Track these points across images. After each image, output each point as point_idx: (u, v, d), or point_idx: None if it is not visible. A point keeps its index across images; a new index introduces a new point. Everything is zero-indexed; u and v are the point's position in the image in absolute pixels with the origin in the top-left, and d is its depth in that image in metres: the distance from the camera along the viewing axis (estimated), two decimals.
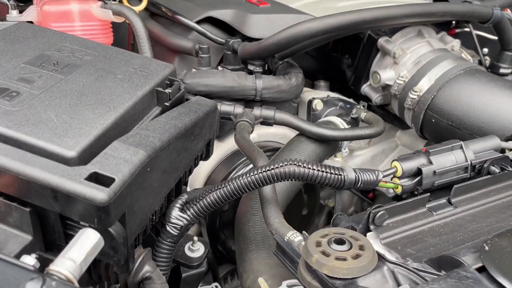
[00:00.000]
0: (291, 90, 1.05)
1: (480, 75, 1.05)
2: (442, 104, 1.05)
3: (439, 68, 1.08)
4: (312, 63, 1.44)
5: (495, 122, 0.99)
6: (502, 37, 1.26)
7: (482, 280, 0.44)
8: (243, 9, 1.16)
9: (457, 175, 0.70)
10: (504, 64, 1.31)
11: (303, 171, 0.63)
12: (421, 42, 1.17)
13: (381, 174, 0.67)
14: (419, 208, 0.64)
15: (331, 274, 0.48)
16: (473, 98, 1.02)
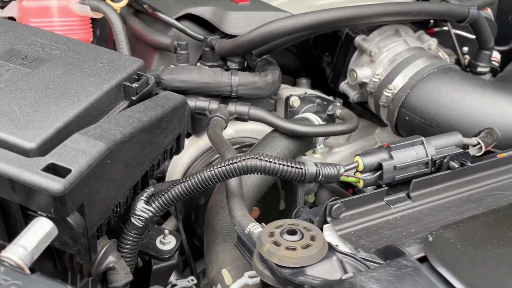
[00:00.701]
0: (267, 87, 1.06)
1: (453, 74, 1.07)
2: (415, 102, 1.07)
3: (413, 67, 1.10)
4: (294, 60, 1.45)
5: (465, 120, 1.01)
6: (479, 36, 1.28)
7: (421, 269, 0.46)
8: (223, 6, 1.17)
9: (418, 170, 0.72)
10: (481, 63, 1.33)
11: (264, 165, 0.65)
12: (398, 41, 1.18)
13: (342, 169, 0.69)
14: (377, 201, 0.66)
15: (280, 263, 0.50)
16: (445, 96, 1.04)
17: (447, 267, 0.46)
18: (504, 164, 0.75)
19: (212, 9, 1.17)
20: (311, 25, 0.96)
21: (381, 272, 0.45)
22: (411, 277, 0.44)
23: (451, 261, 0.47)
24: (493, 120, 1.00)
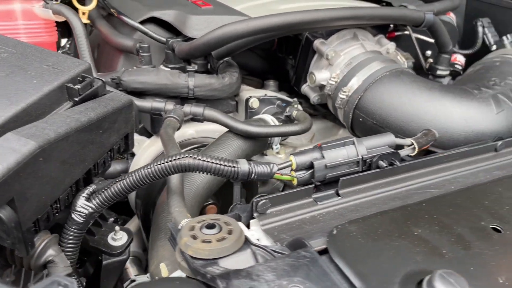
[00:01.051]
0: (224, 89, 1.10)
1: (404, 77, 1.10)
2: (368, 104, 1.11)
3: (367, 70, 1.14)
4: (261, 62, 1.49)
5: (413, 121, 1.05)
6: (438, 40, 1.32)
7: (318, 260, 0.49)
8: (185, 10, 1.21)
9: (349, 169, 0.75)
10: (441, 66, 1.37)
11: (198, 163, 0.68)
12: (355, 45, 1.22)
13: (276, 167, 0.72)
14: (304, 198, 0.69)
15: (194, 255, 0.53)
16: (395, 98, 1.07)
17: (343, 258, 0.49)
18: (435, 164, 0.79)
19: (175, 12, 1.21)
20: (262, 29, 0.99)
21: (279, 262, 0.48)
22: (306, 267, 0.48)
23: (349, 253, 0.50)
24: (439, 121, 1.04)
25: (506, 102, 1.09)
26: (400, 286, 0.46)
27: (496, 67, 1.26)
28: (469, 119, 1.04)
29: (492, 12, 1.65)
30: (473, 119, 1.04)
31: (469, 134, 1.04)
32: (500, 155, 0.86)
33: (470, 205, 0.61)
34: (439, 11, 1.40)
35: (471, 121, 1.04)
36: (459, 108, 1.04)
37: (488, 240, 0.55)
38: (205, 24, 1.16)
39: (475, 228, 0.56)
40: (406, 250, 0.52)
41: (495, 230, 0.57)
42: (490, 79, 1.18)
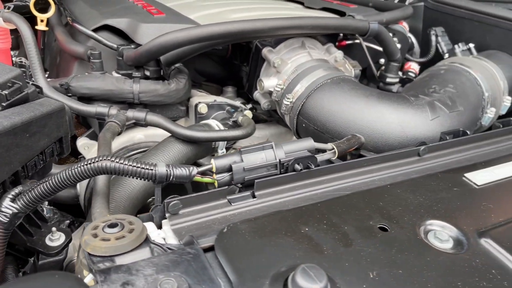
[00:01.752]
0: (170, 94, 1.13)
1: (344, 84, 1.14)
2: (310, 110, 1.15)
3: (310, 77, 1.18)
4: (219, 69, 1.53)
5: (351, 127, 1.09)
6: (385, 49, 1.37)
7: (201, 256, 0.52)
8: (138, 18, 1.24)
9: (268, 171, 0.78)
10: (390, 74, 1.42)
11: (115, 166, 0.71)
12: (302, 53, 1.26)
13: (195, 170, 0.75)
14: (219, 199, 0.72)
15: (92, 252, 0.56)
16: (334, 105, 1.11)
17: (225, 254, 0.52)
18: (356, 167, 0.82)
19: (128, 20, 1.24)
20: (203, 37, 1.03)
21: (162, 258, 0.52)
22: (187, 263, 0.51)
23: (232, 250, 0.54)
24: (375, 127, 1.08)
25: (442, 109, 1.13)
26: (271, 280, 0.49)
27: (440, 75, 1.30)
28: (404, 125, 1.08)
29: (447, 21, 1.70)
30: (408, 125, 1.08)
31: (403, 140, 1.08)
32: (422, 159, 0.90)
33: (363, 205, 0.64)
34: (388, 21, 1.44)
35: (406, 127, 1.08)
36: (395, 114, 1.08)
37: (371, 238, 0.58)
38: (155, 32, 1.19)
39: (362, 227, 0.60)
40: (288, 247, 0.55)
41: (382, 229, 0.60)
42: (430, 87, 1.22)
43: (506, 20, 1.51)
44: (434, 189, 0.70)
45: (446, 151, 0.93)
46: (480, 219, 0.64)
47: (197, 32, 1.02)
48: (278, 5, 1.61)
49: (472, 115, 1.22)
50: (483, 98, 1.30)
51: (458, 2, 1.64)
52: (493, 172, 0.76)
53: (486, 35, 1.59)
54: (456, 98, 1.19)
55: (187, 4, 1.54)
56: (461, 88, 1.24)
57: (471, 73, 1.32)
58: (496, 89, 1.35)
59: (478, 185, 0.73)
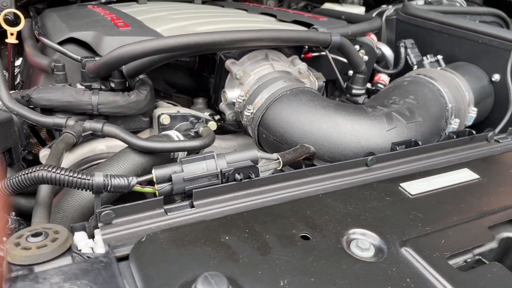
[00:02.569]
0: (130, 106, 1.14)
1: (303, 96, 1.16)
2: (269, 121, 1.16)
3: (270, 89, 1.19)
4: (189, 81, 1.54)
5: (307, 138, 1.10)
6: (350, 61, 1.38)
7: (112, 265, 0.53)
8: (103, 31, 1.26)
9: (209, 181, 0.79)
10: (355, 86, 1.43)
11: (52, 176, 0.72)
12: (265, 65, 1.28)
13: (135, 180, 0.76)
14: (155, 209, 0.73)
15: (12, 261, 0.57)
16: (292, 116, 1.12)
17: (138, 263, 0.53)
18: (302, 177, 0.83)
19: (93, 33, 1.26)
20: (158, 49, 1.05)
21: (73, 266, 0.52)
22: (98, 271, 0.52)
23: (146, 259, 0.54)
24: (331, 138, 1.08)
25: (399, 120, 1.14)
26: None
27: (402, 86, 1.32)
28: (360, 135, 1.09)
29: (418, 33, 1.72)
30: (364, 136, 1.09)
31: (359, 150, 1.09)
32: (371, 169, 0.91)
33: (290, 214, 0.65)
34: (354, 33, 1.46)
35: (362, 138, 1.09)
36: (350, 125, 1.09)
37: (291, 247, 0.59)
38: (117, 44, 1.20)
39: (284, 235, 0.60)
40: (205, 256, 0.56)
41: (304, 238, 0.61)
42: (391, 98, 1.23)
43: (473, 32, 1.53)
44: (366, 199, 0.71)
45: (395, 161, 0.94)
46: (406, 228, 0.64)
47: (152, 44, 1.04)
48: (249, 18, 1.64)
49: (434, 126, 1.23)
50: (447, 109, 1.31)
51: (427, 15, 1.67)
52: (430, 182, 0.77)
53: (455, 47, 1.61)
54: (416, 109, 1.20)
55: (159, 17, 1.56)
56: (422, 99, 1.25)
57: (434, 84, 1.34)
58: (460, 100, 1.36)
59: (412, 195, 0.74)
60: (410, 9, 1.73)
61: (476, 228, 0.64)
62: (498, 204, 0.71)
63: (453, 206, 0.70)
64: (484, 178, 0.80)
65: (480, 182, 0.78)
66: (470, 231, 0.63)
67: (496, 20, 2.10)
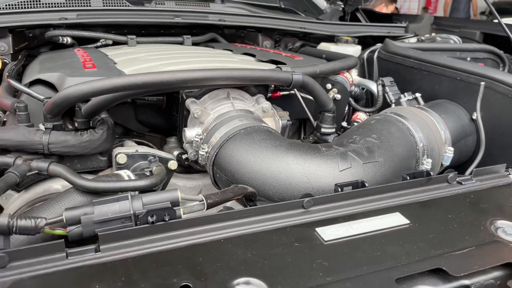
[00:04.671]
0: (82, 145, 1.14)
1: (256, 135, 1.13)
2: (221, 160, 1.13)
3: (225, 128, 1.17)
4: (161, 120, 1.55)
5: (257, 178, 1.06)
6: (316, 100, 1.35)
7: None
8: (67, 72, 1.29)
9: (122, 224, 0.76)
10: (325, 125, 1.40)
11: None
12: (226, 104, 1.27)
13: (43, 221, 0.74)
14: (56, 253, 0.70)
15: None
16: (242, 155, 1.09)
17: None
18: (229, 219, 0.78)
19: (58, 74, 1.29)
20: (105, 89, 1.05)
21: None
22: None
23: None
24: (280, 178, 1.04)
25: (355, 160, 1.09)
26: None
27: (368, 125, 1.27)
28: (310, 176, 1.04)
29: (398, 71, 1.69)
30: (314, 176, 1.05)
31: (310, 191, 1.04)
32: (308, 212, 0.86)
33: (179, 261, 0.61)
34: (323, 72, 1.44)
35: (312, 178, 1.04)
36: (301, 165, 1.05)
37: None
38: None
39: (161, 285, 0.56)
40: None
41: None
42: (352, 137, 1.19)
43: (451, 69, 1.49)
44: (272, 244, 0.66)
45: (336, 203, 0.89)
46: (303, 278, 0.59)
47: (98, 84, 1.05)
48: (226, 58, 1.64)
49: (399, 166, 1.17)
50: (417, 149, 1.25)
51: (406, 53, 1.63)
52: (350, 227, 0.71)
53: (435, 85, 1.56)
54: (376, 149, 1.15)
55: (136, 58, 1.59)
56: (387, 138, 1.20)
57: (404, 123, 1.28)
58: (433, 139, 1.30)
59: (326, 241, 0.68)
60: (390, 47, 1.71)
61: (382, 280, 0.58)
62: (418, 253, 0.65)
63: (366, 255, 0.64)
64: (415, 223, 0.74)
65: (408, 228, 0.72)
66: (373, 284, 0.58)
67: (491, 56, 2.04)
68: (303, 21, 2.60)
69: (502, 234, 0.73)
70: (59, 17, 2.04)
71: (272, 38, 2.64)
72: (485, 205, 0.81)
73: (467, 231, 0.72)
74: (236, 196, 0.88)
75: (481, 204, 0.82)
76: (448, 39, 2.26)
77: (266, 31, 2.59)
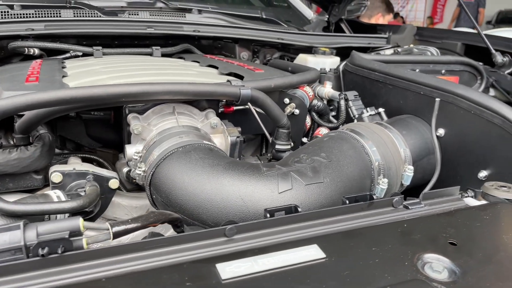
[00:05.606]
0: (10, 163, 1.08)
1: (194, 153, 1.06)
2: (157, 181, 1.06)
3: (164, 145, 1.10)
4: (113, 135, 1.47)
5: (191, 200, 0.99)
6: (269, 115, 1.29)
7: None
8: (6, 86, 1.23)
9: (13, 256, 0.69)
10: (279, 141, 1.33)
11: None
12: (170, 119, 1.20)
13: None
14: None
15: None
16: (178, 176, 1.03)
17: None
18: (144, 249, 0.71)
19: None
20: (29, 105, 0.99)
21: None
22: None
23: None
24: (214, 200, 0.98)
25: (297, 181, 1.02)
26: None
27: (320, 143, 1.20)
28: (247, 198, 0.98)
29: (365, 84, 1.62)
30: (251, 198, 0.98)
31: (245, 214, 0.97)
32: (231, 240, 0.79)
33: None
34: (278, 86, 1.37)
35: (249, 200, 0.97)
36: (237, 186, 0.98)
37: None
38: None
39: None
40: None
41: None
42: (299, 156, 1.12)
43: (415, 84, 1.42)
44: (158, 284, 0.59)
45: (264, 230, 0.82)
46: None
47: (21, 100, 0.98)
48: (183, 70, 1.58)
49: (348, 187, 1.10)
50: (372, 168, 1.18)
51: (371, 66, 1.57)
52: (256, 263, 0.64)
53: (400, 99, 1.49)
54: (323, 169, 1.08)
55: (90, 70, 1.53)
56: (337, 157, 1.13)
57: (359, 140, 1.22)
58: (391, 158, 1.23)
59: (223, 279, 0.61)
60: (356, 60, 1.64)
61: None
62: None
63: None
64: (331, 258, 0.66)
65: (322, 263, 0.65)
66: None
67: (467, 69, 1.98)
68: (281, 31, 2.55)
69: (428, 270, 0.65)
70: (25, 28, 2.00)
71: (249, 49, 2.59)
72: (417, 236, 0.74)
73: (388, 267, 0.65)
74: (151, 224, 0.81)
75: (413, 235, 0.74)
76: (425, 50, 2.19)
77: (243, 42, 2.54)
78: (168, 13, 2.44)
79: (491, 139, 1.22)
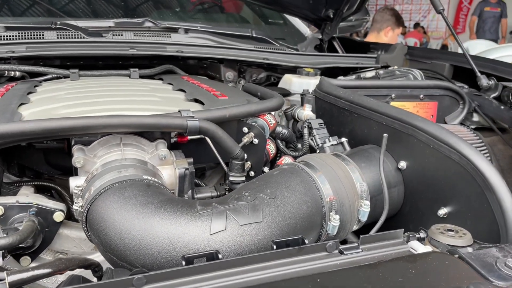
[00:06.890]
0: None
1: (129, 190, 1.03)
2: (91, 218, 1.03)
3: (101, 180, 1.08)
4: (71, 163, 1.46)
5: (118, 241, 0.96)
6: (221, 146, 1.26)
7: None
8: None
9: None
10: (233, 173, 1.29)
11: None
12: (116, 151, 1.18)
13: None
14: None
15: None
16: (109, 213, 1.00)
17: None
18: None
19: None
20: None
21: None
22: None
23: None
24: (142, 241, 0.94)
25: (233, 221, 0.98)
26: None
27: (269, 177, 1.16)
28: (175, 240, 0.94)
29: (333, 112, 1.58)
30: (180, 240, 0.94)
31: (173, 258, 0.93)
32: None
33: None
34: (234, 116, 1.33)
35: (177, 242, 0.94)
36: (166, 227, 0.95)
37: None
38: None
39: None
40: None
41: None
42: (241, 192, 1.08)
43: (377, 113, 1.37)
44: None
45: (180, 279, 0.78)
46: None
47: None
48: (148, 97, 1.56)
49: (292, 226, 1.06)
50: (322, 204, 1.13)
51: (337, 93, 1.53)
52: None
53: (364, 129, 1.44)
54: (264, 207, 1.03)
55: (54, 96, 1.52)
56: (283, 193, 1.09)
57: (310, 174, 1.17)
58: (344, 193, 1.18)
59: None
60: (324, 86, 1.60)
61: None
62: None
63: None
64: None
65: None
66: None
67: (448, 93, 1.92)
68: (267, 51, 2.53)
69: None
70: (6, 50, 2.02)
71: (235, 69, 2.57)
72: None
73: None
74: (59, 271, 0.78)
75: None
76: (407, 73, 2.14)
77: (228, 62, 2.52)
78: (154, 33, 2.44)
79: (450, 176, 1.17)
